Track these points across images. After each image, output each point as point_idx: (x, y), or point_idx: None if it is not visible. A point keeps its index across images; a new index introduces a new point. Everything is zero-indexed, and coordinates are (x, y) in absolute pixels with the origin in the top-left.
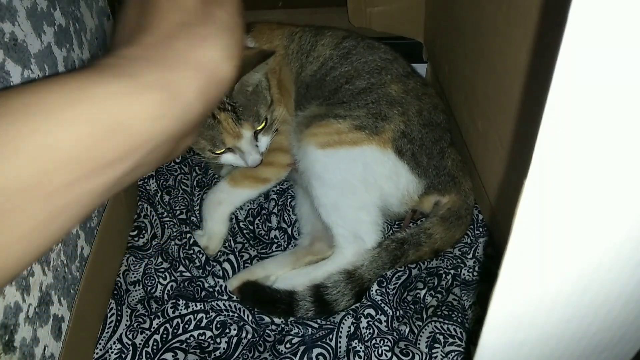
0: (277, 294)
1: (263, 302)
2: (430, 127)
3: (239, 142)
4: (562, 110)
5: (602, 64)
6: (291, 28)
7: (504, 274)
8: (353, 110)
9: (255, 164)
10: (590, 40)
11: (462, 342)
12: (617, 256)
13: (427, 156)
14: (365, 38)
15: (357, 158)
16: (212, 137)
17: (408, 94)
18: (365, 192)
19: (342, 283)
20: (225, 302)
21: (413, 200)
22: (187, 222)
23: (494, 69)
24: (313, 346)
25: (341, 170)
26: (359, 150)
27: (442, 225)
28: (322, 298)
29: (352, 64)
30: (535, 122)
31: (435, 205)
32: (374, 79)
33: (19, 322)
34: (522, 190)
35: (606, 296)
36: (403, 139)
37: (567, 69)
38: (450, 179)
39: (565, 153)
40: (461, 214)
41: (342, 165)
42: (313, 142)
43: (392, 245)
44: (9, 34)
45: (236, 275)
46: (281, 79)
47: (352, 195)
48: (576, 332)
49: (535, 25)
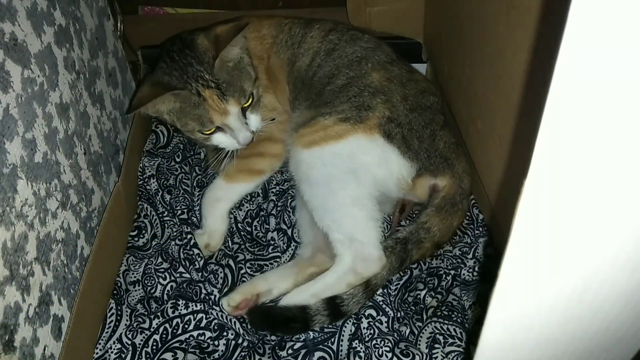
0: (289, 312)
1: (276, 325)
2: (418, 111)
3: (226, 119)
4: (562, 110)
5: (602, 64)
6: (280, 19)
7: (504, 274)
8: (337, 106)
9: (247, 142)
10: (590, 40)
11: (462, 343)
12: (617, 256)
13: (417, 139)
14: (350, 29)
15: (342, 151)
16: (200, 115)
17: (391, 82)
18: (356, 184)
19: (359, 293)
20: (219, 312)
21: (408, 184)
22: (188, 222)
23: (493, 69)
24: (315, 350)
25: (326, 167)
26: (344, 143)
27: (437, 215)
28: (338, 309)
29: (334, 61)
30: (534, 122)
31: (432, 191)
32: (353, 72)
33: (19, 322)
34: (521, 190)
35: (606, 297)
36: (390, 124)
37: (566, 69)
38: (443, 161)
39: (565, 153)
40: (456, 200)
41: (327, 160)
42: (299, 143)
43: (398, 247)
44: (9, 34)
45: (238, 289)
46: (270, 66)
47: (342, 191)
48: (576, 332)
49: (535, 26)
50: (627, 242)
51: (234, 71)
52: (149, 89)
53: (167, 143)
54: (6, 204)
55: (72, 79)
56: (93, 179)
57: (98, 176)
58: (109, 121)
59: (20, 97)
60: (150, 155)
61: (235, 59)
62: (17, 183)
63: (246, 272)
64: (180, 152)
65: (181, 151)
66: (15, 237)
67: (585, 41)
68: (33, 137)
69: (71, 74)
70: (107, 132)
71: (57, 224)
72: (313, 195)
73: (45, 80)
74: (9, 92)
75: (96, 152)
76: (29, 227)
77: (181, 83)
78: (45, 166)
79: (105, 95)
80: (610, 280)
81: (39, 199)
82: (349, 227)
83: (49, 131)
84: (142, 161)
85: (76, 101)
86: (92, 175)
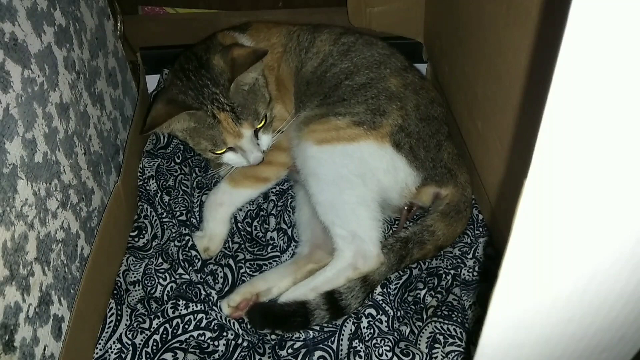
0: (288, 308)
1: (276, 321)
2: (427, 121)
3: (239, 141)
4: (562, 110)
5: (602, 64)
6: (288, 27)
7: (504, 274)
8: (353, 107)
9: (258, 162)
10: (590, 40)
11: (462, 342)
12: (618, 256)
13: (424, 149)
14: (363, 34)
15: (353, 153)
16: (213, 136)
17: (407, 88)
18: (363, 186)
19: (357, 287)
20: (219, 312)
21: (411, 192)
22: (187, 224)
23: (494, 69)
24: (315, 349)
25: (336, 165)
26: (356, 146)
27: (443, 220)
28: (337, 304)
29: (351, 60)
30: (535, 123)
31: (435, 198)
32: (373, 73)
33: (19, 322)
34: (522, 191)
35: (606, 296)
36: (400, 133)
37: (567, 69)
38: (447, 171)
39: (566, 153)
40: (460, 207)
41: (337, 160)
42: (311, 138)
43: (397, 245)
44: (9, 34)
45: (237, 290)
46: (279, 75)
47: (349, 190)
48: (576, 332)
49: (535, 26)
50: (627, 242)
51: (249, 94)
52: (164, 107)
53: (167, 144)
54: (6, 204)
55: (72, 79)
56: (93, 179)
57: (98, 176)
58: (109, 121)
59: (20, 97)
60: (150, 155)
61: (251, 82)
62: (17, 183)
63: (246, 272)
64: (180, 153)
65: (181, 152)
66: (15, 237)
67: (585, 41)
68: (33, 137)
69: (71, 74)
70: (107, 132)
71: (57, 224)
72: (320, 190)
73: (45, 80)
74: (9, 92)
75: (96, 152)
76: (29, 227)
77: (197, 103)
78: (45, 166)
79: (105, 95)
80: (610, 280)
81: (39, 199)
82: (353, 224)
83: (49, 131)
84: (142, 161)
85: (76, 101)
86: (92, 175)
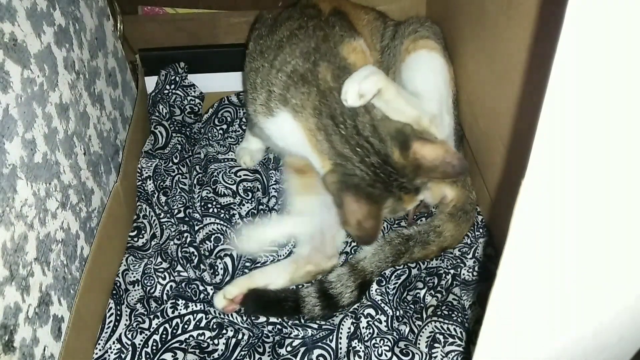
0: (282, 293)
1: (268, 305)
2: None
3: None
4: (559, 110)
5: (599, 65)
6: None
7: (503, 274)
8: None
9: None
10: (587, 41)
11: (462, 342)
12: (617, 255)
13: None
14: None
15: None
16: (394, 209)
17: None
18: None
19: (345, 276)
20: (218, 312)
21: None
22: (186, 220)
23: (495, 69)
24: (313, 347)
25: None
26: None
27: (451, 221)
28: (327, 292)
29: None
30: (535, 122)
31: (440, 201)
32: None
33: (19, 322)
34: (519, 190)
35: (605, 295)
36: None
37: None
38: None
39: (562, 153)
40: (467, 208)
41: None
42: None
43: (397, 240)
44: (8, 34)
45: (235, 282)
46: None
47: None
48: (576, 331)
49: (536, 25)
50: (624, 239)
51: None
52: (360, 207)
53: (166, 144)
54: (6, 204)
55: (71, 79)
56: (93, 179)
57: (98, 176)
58: (108, 121)
59: (20, 97)
60: (148, 156)
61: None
62: (16, 183)
63: (243, 266)
64: (178, 153)
65: (179, 152)
66: (15, 237)
67: (581, 42)
68: (33, 137)
69: (71, 74)
70: (107, 132)
71: (56, 224)
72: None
73: (45, 80)
74: (9, 92)
75: (96, 153)
76: (28, 227)
77: (386, 192)
78: (45, 166)
79: (105, 96)
80: (610, 279)
81: (39, 199)
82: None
83: (49, 131)
84: (140, 162)
85: (76, 101)
86: (92, 175)
